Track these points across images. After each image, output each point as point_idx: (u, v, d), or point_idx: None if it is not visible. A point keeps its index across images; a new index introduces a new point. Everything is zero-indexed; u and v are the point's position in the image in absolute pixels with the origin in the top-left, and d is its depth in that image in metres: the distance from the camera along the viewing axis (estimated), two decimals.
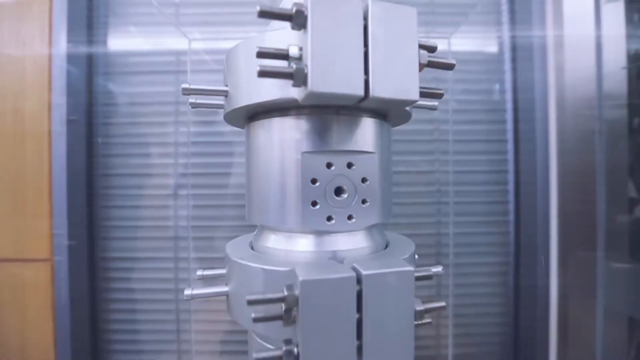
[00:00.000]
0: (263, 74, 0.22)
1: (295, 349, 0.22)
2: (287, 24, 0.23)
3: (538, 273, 0.69)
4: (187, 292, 0.30)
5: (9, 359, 0.63)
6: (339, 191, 0.28)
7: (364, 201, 0.29)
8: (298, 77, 0.22)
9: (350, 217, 0.28)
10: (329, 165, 0.28)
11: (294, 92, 0.25)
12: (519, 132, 0.70)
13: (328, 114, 0.28)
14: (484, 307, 0.71)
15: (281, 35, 0.26)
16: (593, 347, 0.65)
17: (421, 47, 0.26)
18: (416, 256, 0.35)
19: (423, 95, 0.27)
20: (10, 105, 0.61)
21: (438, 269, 0.34)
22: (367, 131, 0.29)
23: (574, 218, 0.68)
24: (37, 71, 0.59)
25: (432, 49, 0.27)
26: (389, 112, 0.30)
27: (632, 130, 0.63)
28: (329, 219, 0.28)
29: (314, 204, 0.27)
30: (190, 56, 0.67)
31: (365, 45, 0.23)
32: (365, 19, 0.23)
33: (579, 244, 0.67)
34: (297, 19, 0.22)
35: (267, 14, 0.22)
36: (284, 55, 0.23)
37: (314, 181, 0.28)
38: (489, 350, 0.71)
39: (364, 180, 0.29)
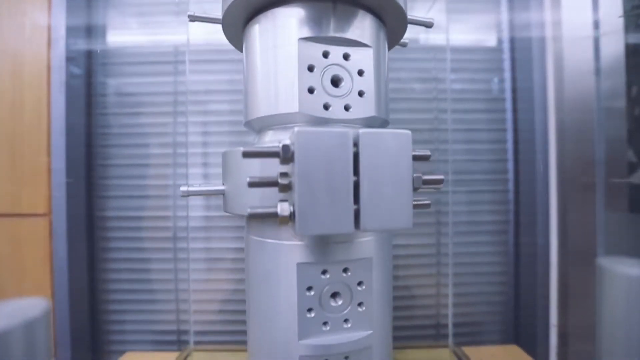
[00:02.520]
0: None
1: (291, 208, 0.22)
2: None
3: (538, 231, 0.68)
4: (183, 188, 0.30)
5: None
6: (335, 82, 0.28)
7: (360, 93, 0.29)
8: None
9: (347, 108, 0.28)
10: (325, 54, 0.28)
11: None
12: (517, 91, 0.70)
13: (325, 0, 0.28)
14: (484, 266, 0.70)
15: None
16: (594, 303, 0.65)
17: None
18: None
19: None
20: (9, 58, 0.61)
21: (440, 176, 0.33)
22: (364, 24, 0.29)
23: (574, 175, 0.68)
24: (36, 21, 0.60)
25: None
26: (385, 8, 0.30)
27: (630, 95, 0.64)
28: (326, 107, 0.28)
29: (311, 90, 0.27)
30: None
31: None
32: None
33: (579, 200, 0.67)
34: None
35: None
36: None
37: (310, 68, 0.28)
38: (490, 310, 0.70)
39: (360, 72, 0.29)
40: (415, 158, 0.26)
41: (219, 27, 0.33)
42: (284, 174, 0.23)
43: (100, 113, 0.68)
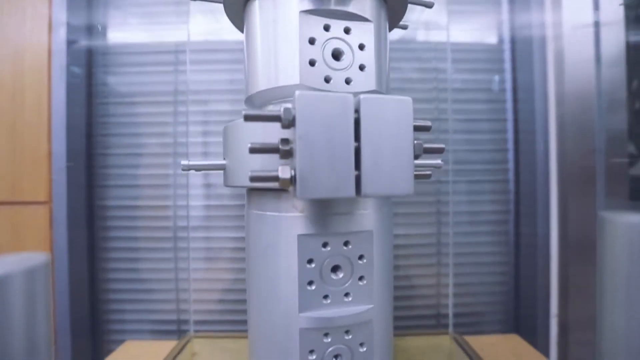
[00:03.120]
0: None
1: (292, 172, 0.22)
2: None
3: (538, 221, 0.68)
4: (184, 162, 0.30)
5: None
6: (336, 56, 0.29)
7: (361, 67, 0.29)
8: None
9: (348, 81, 0.28)
10: (326, 28, 0.28)
11: None
12: (517, 82, 0.70)
13: None
14: (485, 256, 0.70)
15: None
16: (594, 292, 0.65)
17: None
18: None
19: None
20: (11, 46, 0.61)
21: (437, 161, 0.34)
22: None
23: (574, 165, 0.68)
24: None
25: None
26: None
27: (631, 87, 0.64)
28: (327, 80, 0.28)
29: (312, 63, 0.28)
30: None
31: None
32: None
33: (579, 190, 0.67)
34: None
35: None
36: None
37: (311, 41, 0.28)
38: (490, 299, 0.70)
39: (361, 47, 0.29)
40: (417, 128, 0.26)
41: (219, 23, 0.34)
42: (285, 140, 0.23)
43: (100, 102, 0.68)
